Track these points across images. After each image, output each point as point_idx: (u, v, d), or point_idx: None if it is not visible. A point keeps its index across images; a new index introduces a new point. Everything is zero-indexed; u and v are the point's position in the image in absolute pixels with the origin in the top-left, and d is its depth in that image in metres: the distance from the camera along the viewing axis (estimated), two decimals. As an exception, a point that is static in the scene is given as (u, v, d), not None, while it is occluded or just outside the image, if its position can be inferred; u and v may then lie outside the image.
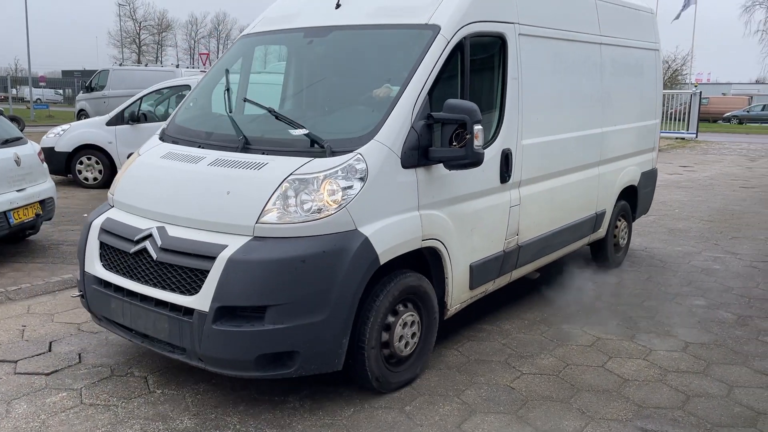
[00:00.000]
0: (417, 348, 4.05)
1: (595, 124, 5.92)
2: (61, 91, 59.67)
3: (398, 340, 3.88)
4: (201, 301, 3.42)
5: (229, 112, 4.41)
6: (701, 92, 28.09)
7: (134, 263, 3.76)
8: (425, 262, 4.14)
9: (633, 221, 7.27)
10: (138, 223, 3.89)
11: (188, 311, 3.49)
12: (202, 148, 4.12)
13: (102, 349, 4.48)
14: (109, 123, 11.28)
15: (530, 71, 4.82)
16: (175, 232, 3.69)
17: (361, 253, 3.53)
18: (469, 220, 4.32)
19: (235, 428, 3.49)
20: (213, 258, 3.44)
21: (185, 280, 3.53)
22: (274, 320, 3.37)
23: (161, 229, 3.72)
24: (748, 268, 6.92)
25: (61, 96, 58.32)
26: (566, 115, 5.48)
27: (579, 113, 5.70)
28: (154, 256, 3.64)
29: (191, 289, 3.50)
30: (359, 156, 3.65)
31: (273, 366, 3.47)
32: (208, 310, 3.39)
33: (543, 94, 5.04)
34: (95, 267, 4.02)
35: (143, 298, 3.70)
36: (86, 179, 11.37)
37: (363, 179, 3.62)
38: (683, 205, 10.88)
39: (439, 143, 3.89)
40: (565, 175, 5.47)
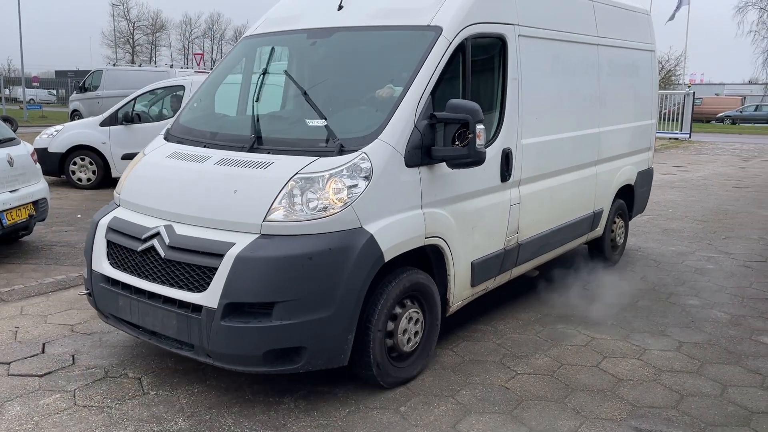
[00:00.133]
0: (420, 344, 4.10)
1: (593, 124, 5.98)
2: (54, 92, 59.27)
3: (402, 336, 3.93)
4: (209, 297, 3.47)
5: (239, 112, 4.47)
6: (694, 93, 28.24)
7: (142, 261, 3.81)
8: (428, 260, 4.19)
9: (630, 220, 7.33)
10: (145, 221, 3.94)
11: (196, 308, 3.53)
12: (208, 147, 4.17)
13: (96, 350, 4.46)
14: (103, 123, 11.23)
15: (530, 72, 4.88)
16: (183, 230, 3.73)
17: (367, 250, 3.58)
18: (470, 218, 4.37)
19: (230, 429, 3.48)
20: (221, 255, 3.48)
21: (193, 278, 3.58)
22: (282, 316, 3.42)
23: (169, 228, 3.77)
24: (741, 268, 6.95)
25: (55, 96, 57.95)
26: (565, 115, 5.55)
27: (577, 113, 5.77)
28: (162, 254, 3.69)
29: (199, 286, 3.54)
30: (364, 155, 3.70)
31: (280, 361, 3.52)
32: (216, 306, 3.44)
33: (542, 94, 5.11)
34: (102, 265, 4.06)
35: (151, 296, 3.74)
36: (80, 180, 11.33)
37: (368, 178, 3.66)
38: (677, 205, 10.92)
39: (441, 143, 3.94)
40: (563, 174, 5.54)
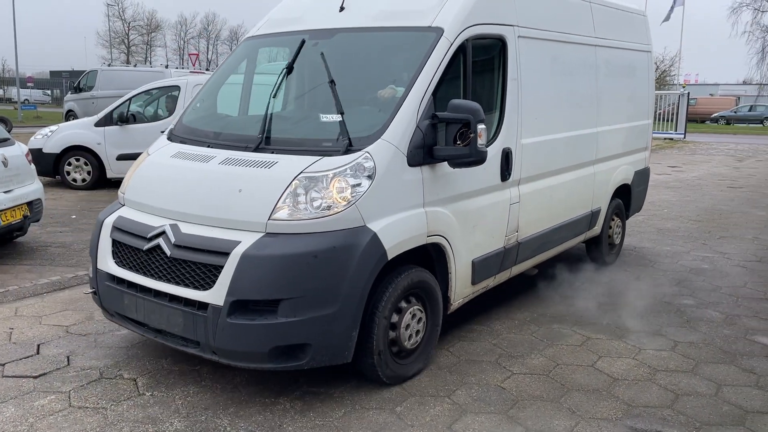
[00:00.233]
0: (422, 341, 4.15)
1: (591, 124, 6.04)
2: (49, 92, 59.10)
3: (405, 333, 3.98)
4: (215, 295, 3.50)
5: (242, 113, 4.52)
6: (689, 93, 28.36)
7: (147, 260, 3.84)
8: (429, 258, 4.23)
9: (627, 219, 7.38)
10: (150, 220, 3.97)
11: (202, 305, 3.56)
12: (211, 147, 4.20)
13: (91, 351, 4.45)
14: (98, 124, 11.19)
15: (529, 72, 4.94)
16: (188, 229, 3.77)
17: (370, 248, 3.63)
18: (471, 217, 4.42)
19: (226, 430, 3.47)
20: (227, 254, 3.52)
21: (199, 276, 3.61)
22: (287, 313, 3.46)
23: (174, 227, 3.80)
24: (736, 268, 6.97)
25: (49, 97, 57.76)
26: (563, 115, 5.60)
27: (575, 113, 5.82)
28: (168, 252, 3.72)
29: (205, 284, 3.57)
30: (367, 154, 3.74)
31: (286, 358, 3.55)
32: (222, 304, 3.47)
33: (541, 94, 5.16)
34: (108, 264, 4.09)
35: (157, 294, 3.77)
36: (74, 180, 11.29)
37: (371, 177, 3.71)
38: (672, 205, 10.95)
39: (443, 142, 3.99)
40: (562, 174, 5.60)
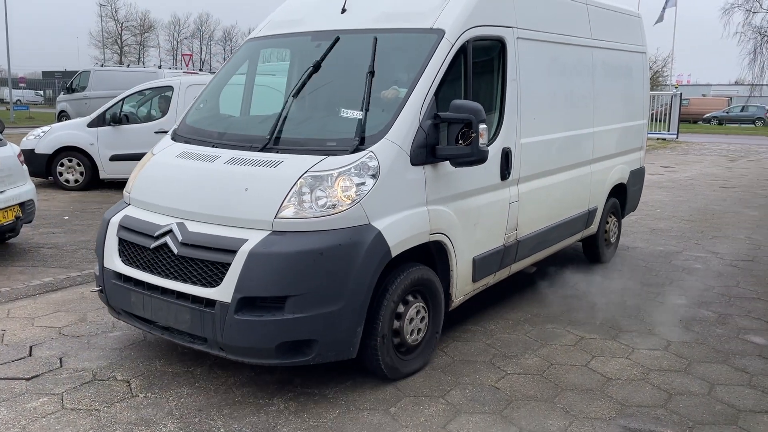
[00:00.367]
0: (425, 337, 4.20)
1: (588, 124, 6.12)
2: (41, 92, 58.80)
3: (408, 329, 4.04)
4: (223, 292, 3.55)
5: (246, 113, 4.60)
6: (681, 93, 28.47)
7: (154, 258, 3.88)
8: (431, 256, 4.28)
9: (622, 218, 7.45)
10: (156, 219, 4.01)
11: (209, 302, 3.61)
12: (216, 147, 4.25)
13: (83, 353, 4.43)
14: (91, 124, 11.14)
15: (528, 73, 5.01)
16: (195, 227, 3.81)
17: (375, 246, 3.69)
18: (472, 215, 4.49)
19: (220, 432, 3.47)
20: (234, 251, 3.57)
21: (206, 273, 3.66)
22: (294, 310, 3.51)
23: (181, 225, 3.85)
24: (728, 267, 7.01)
25: (42, 97, 57.49)
26: (561, 115, 5.68)
27: (573, 113, 5.90)
28: (175, 250, 3.76)
29: (212, 282, 3.62)
30: (371, 154, 3.80)
31: (292, 354, 3.61)
32: (230, 300, 3.52)
33: (539, 94, 5.24)
34: (114, 262, 4.12)
35: (164, 291, 3.81)
36: (67, 181, 11.23)
37: (375, 176, 3.76)
38: (665, 205, 10.99)
39: (445, 142, 4.06)
40: (559, 173, 5.68)
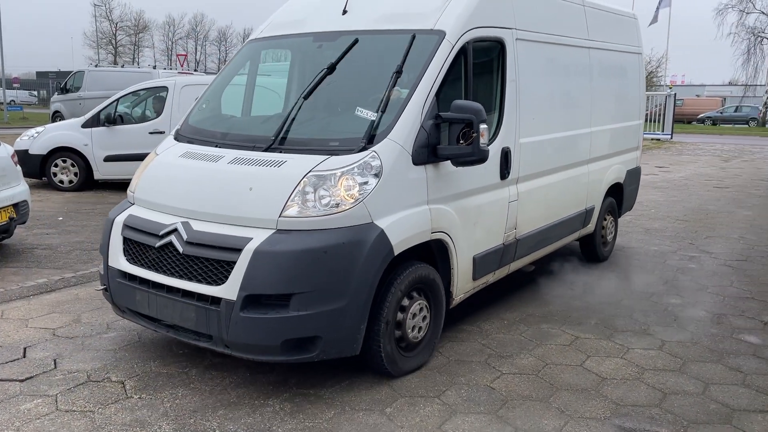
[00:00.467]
0: (427, 334, 4.25)
1: (585, 124, 6.18)
2: (35, 93, 58.53)
3: (410, 327, 4.08)
4: (228, 290, 3.59)
5: (248, 113, 4.68)
6: (676, 94, 28.59)
7: (159, 257, 3.91)
8: (432, 254, 4.31)
9: (619, 217, 7.50)
10: (161, 218, 4.03)
11: (215, 300, 3.64)
12: (219, 147, 4.29)
13: (78, 354, 4.41)
14: (85, 125, 11.10)
15: (526, 74, 5.06)
16: (200, 226, 3.85)
17: (378, 244, 3.74)
18: (472, 214, 4.54)
19: (215, 433, 3.46)
20: (239, 250, 3.60)
21: (212, 271, 3.69)
22: (299, 307, 3.56)
23: (186, 224, 3.88)
24: (722, 267, 7.03)
25: (36, 97, 57.24)
26: (559, 116, 5.74)
27: (570, 113, 5.96)
28: (180, 249, 3.79)
29: (218, 280, 3.65)
30: (374, 153, 3.84)
31: (297, 350, 3.65)
32: (235, 298, 3.56)
33: (538, 95, 5.29)
34: (119, 261, 4.15)
35: (169, 290, 3.84)
36: (61, 182, 11.19)
37: (378, 175, 3.80)
38: (659, 205, 11.03)
39: (446, 141, 4.10)
40: (557, 173, 5.73)
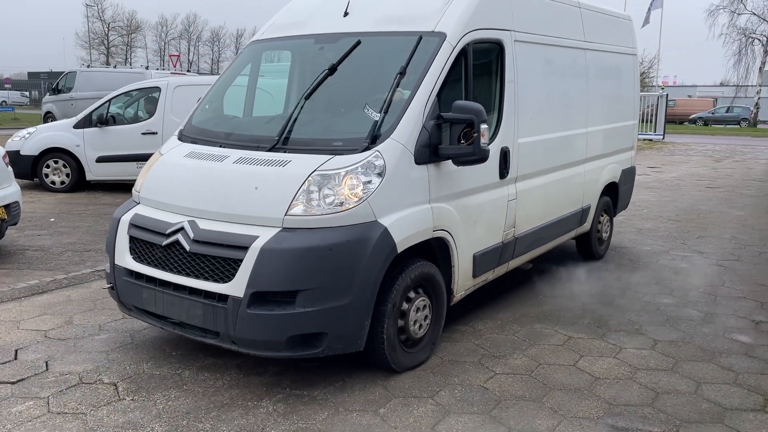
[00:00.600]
0: (428, 331, 4.33)
1: (581, 125, 6.26)
2: (27, 93, 58.28)
3: (413, 322, 4.16)
4: (235, 287, 3.65)
5: (250, 114, 4.77)
6: (668, 94, 28.76)
7: (166, 255, 3.96)
8: (433, 252, 4.37)
9: (614, 216, 7.57)
10: (167, 217, 4.09)
11: (222, 297, 3.70)
12: (223, 147, 4.35)
13: (70, 356, 4.39)
14: (77, 126, 11.06)
15: (525, 75, 5.14)
16: (206, 225, 3.90)
17: (382, 242, 3.81)
18: (472, 212, 4.61)
19: (208, 434, 3.45)
20: (246, 248, 3.67)
21: (218, 269, 3.75)
22: (304, 304, 3.63)
23: (192, 223, 3.94)
24: (714, 267, 7.06)
25: (27, 98, 56.99)
26: (556, 116, 5.81)
27: (567, 114, 6.03)
28: (187, 247, 3.85)
29: (225, 277, 3.71)
30: (377, 153, 3.91)
31: (302, 346, 3.72)
32: (242, 295, 3.62)
33: (536, 95, 5.36)
34: (126, 260, 4.20)
35: (176, 287, 3.89)
36: (53, 183, 11.14)
37: (381, 174, 3.88)
38: (651, 205, 11.07)
39: (447, 141, 4.17)
40: (555, 172, 5.81)
